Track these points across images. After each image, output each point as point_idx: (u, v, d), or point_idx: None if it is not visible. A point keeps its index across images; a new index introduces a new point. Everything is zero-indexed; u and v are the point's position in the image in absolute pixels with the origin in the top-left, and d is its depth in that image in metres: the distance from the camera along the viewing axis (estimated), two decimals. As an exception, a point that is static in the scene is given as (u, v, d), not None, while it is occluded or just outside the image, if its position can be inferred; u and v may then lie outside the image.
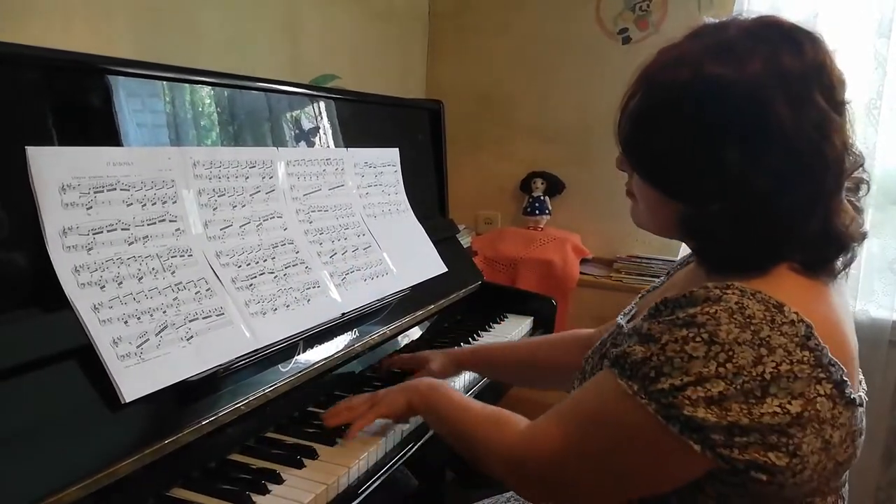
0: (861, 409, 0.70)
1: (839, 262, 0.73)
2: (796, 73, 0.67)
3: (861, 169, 0.74)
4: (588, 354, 0.92)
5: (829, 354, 0.64)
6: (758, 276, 0.69)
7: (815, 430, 0.64)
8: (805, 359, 0.63)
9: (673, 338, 0.65)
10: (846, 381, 0.66)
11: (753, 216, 0.68)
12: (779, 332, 0.63)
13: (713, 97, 0.67)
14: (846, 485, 0.78)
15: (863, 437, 0.72)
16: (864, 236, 0.74)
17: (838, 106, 0.70)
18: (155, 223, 0.95)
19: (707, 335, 0.63)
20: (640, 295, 1.02)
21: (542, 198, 2.49)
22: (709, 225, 0.71)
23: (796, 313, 0.64)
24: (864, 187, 0.76)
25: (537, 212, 2.48)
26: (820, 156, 0.67)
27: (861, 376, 0.76)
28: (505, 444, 0.81)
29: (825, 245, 0.70)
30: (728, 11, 2.17)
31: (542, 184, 2.49)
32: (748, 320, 0.63)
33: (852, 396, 0.67)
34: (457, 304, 1.64)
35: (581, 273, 2.32)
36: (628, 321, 0.92)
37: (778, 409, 0.62)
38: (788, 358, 0.62)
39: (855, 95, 2.13)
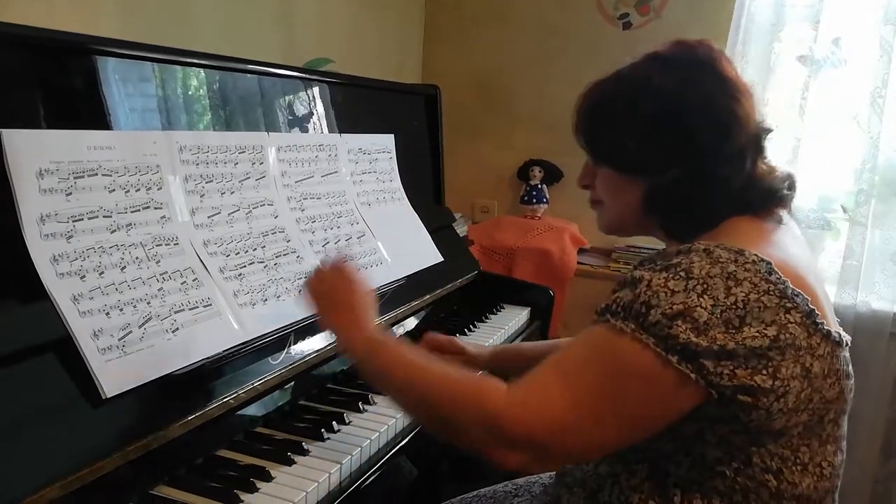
0: (844, 352, 0.77)
1: (779, 208, 0.86)
2: (711, 59, 0.84)
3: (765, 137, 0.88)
4: None
5: (792, 286, 0.72)
6: (717, 231, 0.82)
7: (794, 356, 0.71)
8: (770, 290, 0.71)
9: (655, 278, 0.73)
10: (814, 310, 0.73)
11: (701, 174, 0.82)
12: (743, 269, 0.72)
13: (659, 92, 0.83)
14: (845, 440, 0.82)
15: (851, 381, 0.79)
16: (790, 183, 0.88)
17: (742, 82, 0.85)
18: (139, 210, 0.91)
19: (684, 272, 0.72)
20: None
21: (539, 186, 2.46)
22: (670, 192, 0.84)
23: (755, 255, 0.73)
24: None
25: (535, 200, 2.45)
26: (741, 113, 0.82)
27: (839, 328, 0.81)
28: (489, 406, 0.74)
29: (756, 192, 0.84)
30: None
31: (540, 172, 2.46)
32: (716, 259, 0.73)
33: (827, 329, 0.74)
34: (453, 294, 1.61)
35: (579, 263, 2.29)
36: None
37: (757, 334, 0.69)
38: (755, 289, 0.71)
39: (860, 84, 2.08)
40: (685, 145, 0.82)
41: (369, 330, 0.90)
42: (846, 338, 0.77)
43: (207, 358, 0.90)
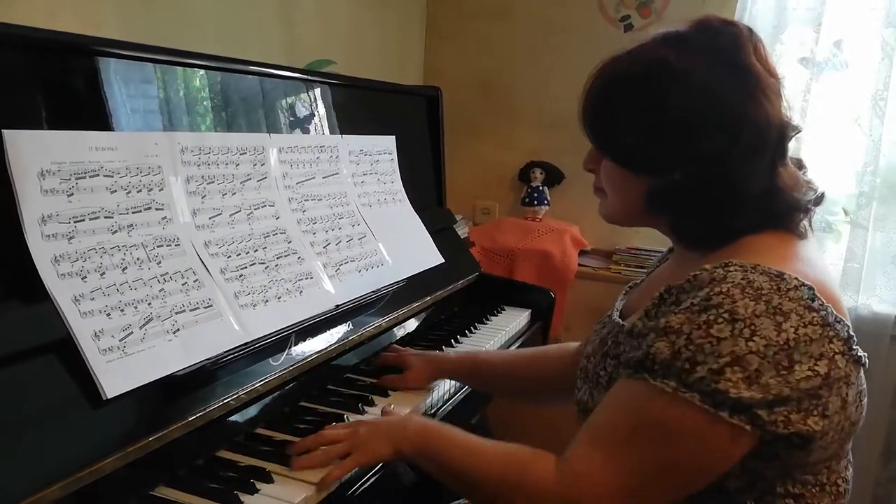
0: (863, 370, 0.73)
1: (804, 222, 0.79)
2: (734, 48, 0.75)
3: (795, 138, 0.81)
4: (588, 352, 0.90)
5: (834, 312, 0.67)
6: (738, 246, 0.75)
7: (836, 390, 0.67)
8: (814, 320, 0.66)
9: (695, 325, 0.66)
10: (853, 336, 0.68)
11: (710, 178, 0.74)
12: (787, 298, 0.66)
13: (671, 80, 0.74)
14: (851, 451, 0.80)
15: (866, 398, 0.75)
16: (818, 197, 0.80)
17: (771, 73, 0.77)
18: (140, 211, 0.91)
19: (727, 314, 0.65)
20: (623, 291, 1.00)
21: (540, 188, 2.46)
22: (674, 194, 0.77)
23: (796, 278, 0.67)
24: (805, 168, 0.84)
25: (536, 202, 2.45)
26: (758, 114, 0.74)
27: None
28: (542, 488, 0.74)
29: (777, 203, 0.76)
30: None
31: (541, 174, 2.46)
32: (759, 292, 0.65)
33: (858, 354, 0.69)
34: (454, 296, 1.61)
35: (580, 265, 2.29)
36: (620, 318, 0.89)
37: (810, 373, 0.64)
38: (802, 321, 0.65)
39: (861, 86, 2.09)
40: (690, 144, 0.74)
41: (411, 422, 0.91)
42: (866, 359, 0.73)
43: (208, 359, 0.90)
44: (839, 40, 2.06)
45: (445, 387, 1.24)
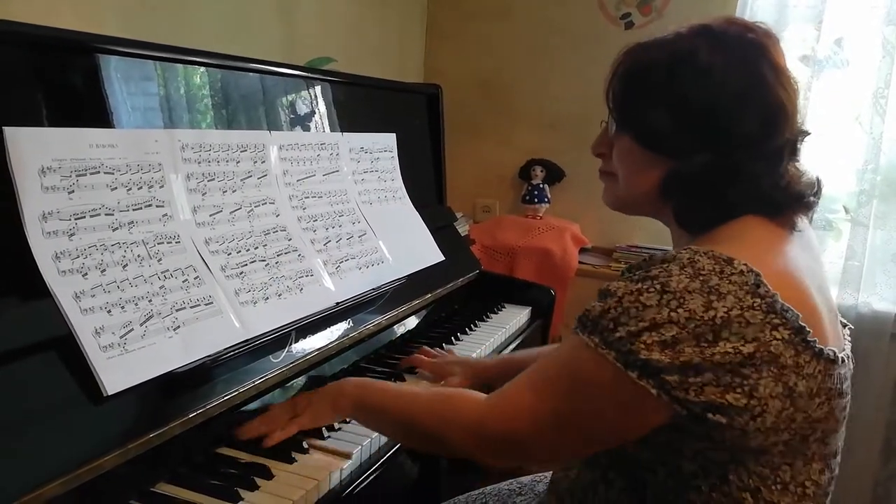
0: (840, 369, 0.72)
1: (799, 214, 0.81)
2: (765, 44, 0.78)
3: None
4: None
5: (781, 300, 0.67)
6: (724, 230, 0.77)
7: (774, 374, 0.66)
8: (756, 305, 0.66)
9: (629, 291, 0.69)
10: (805, 326, 0.68)
11: (732, 166, 0.76)
12: (728, 281, 0.67)
13: (698, 72, 0.76)
14: (837, 456, 0.79)
15: (845, 399, 0.75)
16: (818, 189, 0.82)
17: (793, 75, 0.80)
18: (141, 208, 0.91)
19: (660, 286, 0.68)
20: None
21: (541, 186, 2.46)
22: (693, 179, 0.78)
23: (745, 265, 0.68)
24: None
25: (536, 200, 2.45)
26: (782, 109, 0.76)
27: (847, 342, 0.79)
28: (468, 417, 0.80)
29: (782, 195, 0.78)
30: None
31: (542, 172, 2.46)
32: (698, 272, 0.67)
33: (819, 347, 0.69)
34: (454, 294, 1.61)
35: (580, 263, 2.29)
36: None
37: (730, 350, 0.65)
38: (739, 304, 0.66)
39: (862, 84, 2.09)
40: (723, 132, 0.75)
41: (348, 382, 0.98)
42: (843, 354, 0.72)
43: (208, 356, 0.90)
44: (840, 38, 2.06)
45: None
